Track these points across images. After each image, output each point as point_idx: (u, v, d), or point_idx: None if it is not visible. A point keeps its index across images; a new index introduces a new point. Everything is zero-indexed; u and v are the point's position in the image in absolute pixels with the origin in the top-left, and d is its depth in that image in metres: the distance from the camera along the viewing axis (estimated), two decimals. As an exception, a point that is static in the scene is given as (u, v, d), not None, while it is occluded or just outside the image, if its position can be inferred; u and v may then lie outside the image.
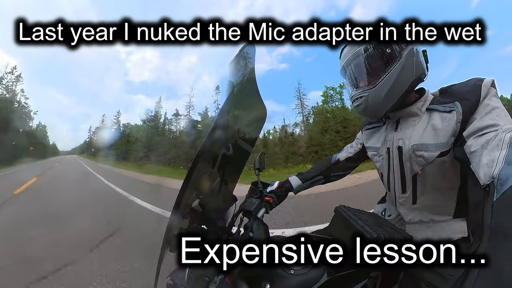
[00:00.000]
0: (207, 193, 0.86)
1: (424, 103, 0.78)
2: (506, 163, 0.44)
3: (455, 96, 0.69)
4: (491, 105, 0.61)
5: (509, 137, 0.49)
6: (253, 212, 0.95)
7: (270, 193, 1.08)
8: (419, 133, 0.75)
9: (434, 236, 0.78)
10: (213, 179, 0.92)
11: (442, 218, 0.78)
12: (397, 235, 0.68)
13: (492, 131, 0.55)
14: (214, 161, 0.86)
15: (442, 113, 0.70)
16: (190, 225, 0.79)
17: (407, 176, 0.80)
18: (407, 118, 0.80)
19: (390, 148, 0.84)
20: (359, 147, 1.10)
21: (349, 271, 0.75)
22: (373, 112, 0.80)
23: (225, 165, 0.93)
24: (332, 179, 1.17)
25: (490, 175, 0.45)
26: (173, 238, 0.70)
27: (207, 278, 0.65)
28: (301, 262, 0.75)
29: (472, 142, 0.57)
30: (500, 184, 0.41)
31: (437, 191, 0.76)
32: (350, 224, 0.74)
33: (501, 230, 0.36)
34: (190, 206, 0.82)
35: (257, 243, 0.73)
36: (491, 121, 0.57)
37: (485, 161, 0.48)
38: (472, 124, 0.61)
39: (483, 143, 0.53)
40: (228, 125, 0.79)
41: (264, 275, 0.70)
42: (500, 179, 0.42)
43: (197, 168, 0.68)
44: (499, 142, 0.49)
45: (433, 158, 0.71)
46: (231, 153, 0.90)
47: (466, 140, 0.60)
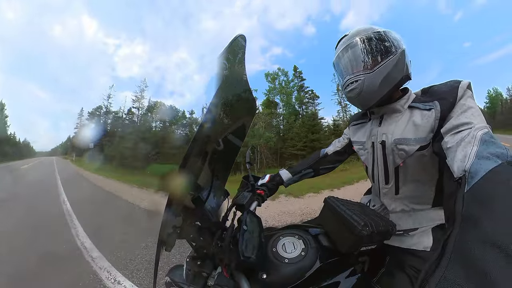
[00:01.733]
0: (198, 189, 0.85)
1: (407, 100, 0.82)
2: (477, 158, 0.49)
3: (435, 95, 0.74)
4: (466, 105, 0.65)
5: (480, 135, 0.54)
6: (246, 205, 0.96)
7: (262, 186, 1.09)
8: (401, 128, 0.80)
9: (415, 223, 0.83)
10: (204, 175, 0.91)
11: (422, 207, 0.83)
12: (382, 223, 0.72)
13: (466, 129, 0.60)
14: (205, 156, 0.85)
15: (423, 111, 0.75)
16: (184, 223, 0.78)
17: (390, 168, 0.85)
18: (390, 114, 0.85)
19: (374, 142, 0.89)
20: (346, 141, 1.15)
21: (339, 257, 0.79)
22: (366, 98, 0.81)
23: (216, 160, 0.92)
24: (321, 172, 1.22)
25: (462, 168, 0.49)
26: (168, 237, 0.69)
27: (205, 273, 0.65)
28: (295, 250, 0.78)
29: (449, 138, 0.62)
30: (471, 177, 0.46)
31: (417, 182, 0.81)
32: (339, 214, 0.77)
33: (471, 218, 0.40)
34: (183, 203, 0.81)
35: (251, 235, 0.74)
36: (466, 119, 0.62)
37: (459, 156, 0.53)
38: (449, 122, 0.66)
39: (458, 140, 0.58)
40: (218, 119, 0.78)
41: (260, 266, 0.72)
42: (471, 173, 0.47)
43: (188, 164, 0.67)
44: (472, 139, 0.54)
45: (413, 151, 0.76)
46: (221, 148, 0.89)
47: (443, 136, 0.65)
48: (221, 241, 0.79)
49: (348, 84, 0.83)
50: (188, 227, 0.78)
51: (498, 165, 0.45)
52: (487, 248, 0.35)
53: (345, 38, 0.86)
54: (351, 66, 0.83)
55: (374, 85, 0.78)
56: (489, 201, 0.41)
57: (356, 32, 0.83)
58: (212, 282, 0.65)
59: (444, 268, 0.36)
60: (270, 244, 0.82)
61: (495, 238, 0.35)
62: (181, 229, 0.76)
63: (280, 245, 0.80)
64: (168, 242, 0.68)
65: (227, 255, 0.71)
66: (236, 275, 0.67)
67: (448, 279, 0.35)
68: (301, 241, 0.81)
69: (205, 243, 0.76)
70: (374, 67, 0.77)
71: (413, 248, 0.80)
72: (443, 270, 0.36)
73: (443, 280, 0.35)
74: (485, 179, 0.44)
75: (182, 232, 0.75)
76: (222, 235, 0.82)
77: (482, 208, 0.41)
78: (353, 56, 0.81)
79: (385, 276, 0.80)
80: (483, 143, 0.52)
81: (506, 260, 0.32)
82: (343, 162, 1.22)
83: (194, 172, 0.82)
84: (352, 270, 0.78)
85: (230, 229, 0.80)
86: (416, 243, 0.80)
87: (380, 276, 0.80)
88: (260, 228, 0.82)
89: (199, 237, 0.76)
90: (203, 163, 0.86)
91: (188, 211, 0.81)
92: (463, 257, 0.36)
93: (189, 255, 0.78)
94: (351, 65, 0.83)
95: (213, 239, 0.79)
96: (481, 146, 0.51)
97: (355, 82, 0.80)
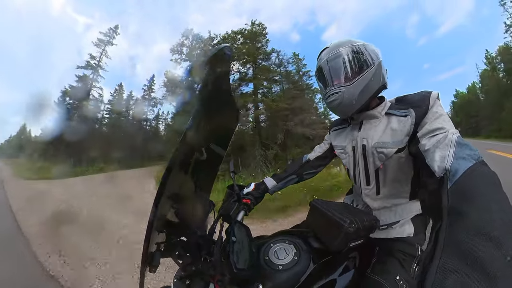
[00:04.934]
0: (182, 202, 0.81)
1: (384, 108, 0.90)
2: (455, 159, 0.56)
3: (409, 103, 0.82)
4: (439, 113, 0.74)
5: (455, 138, 0.62)
6: (233, 215, 0.93)
7: (247, 195, 1.07)
8: (379, 133, 0.87)
9: (396, 216, 0.90)
10: (187, 186, 0.86)
11: (401, 202, 0.91)
12: (366, 218, 0.76)
13: (440, 133, 0.68)
14: (187, 167, 0.81)
15: (399, 117, 0.83)
16: (168, 239, 0.73)
17: (370, 170, 0.91)
18: (369, 120, 0.92)
19: (355, 146, 0.95)
20: (327, 146, 1.20)
21: (331, 256, 0.80)
22: (346, 108, 0.87)
23: (199, 170, 0.88)
24: (305, 177, 1.25)
25: (443, 168, 0.56)
26: (151, 256, 0.63)
27: (196, 292, 0.60)
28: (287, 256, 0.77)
29: (426, 141, 0.70)
30: (452, 175, 0.53)
31: (396, 182, 0.88)
32: (325, 215, 0.79)
33: (456, 211, 0.45)
34: (165, 218, 0.76)
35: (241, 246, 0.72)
36: (439, 125, 0.71)
37: (437, 157, 0.60)
38: (424, 127, 0.74)
39: (435, 143, 0.66)
40: (201, 128, 0.76)
41: (254, 276, 0.69)
42: (451, 171, 0.53)
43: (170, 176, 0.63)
44: (449, 142, 0.62)
45: (392, 153, 0.83)
46: (204, 158, 0.86)
47: (420, 140, 0.73)
48: (210, 256, 0.75)
49: (329, 95, 0.88)
50: (173, 243, 0.72)
51: (473, 164, 0.53)
52: (474, 235, 0.39)
53: (327, 50, 0.90)
54: (332, 77, 0.88)
55: (353, 97, 0.83)
56: (470, 195, 0.47)
57: (337, 44, 0.88)
58: None
59: (439, 258, 0.39)
60: (262, 252, 0.79)
61: (480, 226, 0.40)
62: (166, 247, 0.70)
63: (272, 253, 0.78)
64: (152, 262, 0.62)
65: (219, 269, 0.67)
66: (230, 289, 0.63)
67: (445, 267, 0.38)
68: (292, 246, 0.80)
69: (193, 259, 0.71)
70: (353, 79, 0.83)
71: (398, 236, 0.87)
72: (438, 259, 0.39)
73: (440, 269, 0.38)
74: (465, 176, 0.51)
75: (166, 249, 0.70)
76: (210, 249, 0.78)
77: (465, 201, 0.46)
78: (334, 68, 0.87)
79: (377, 264, 0.84)
80: (458, 146, 0.60)
81: (492, 245, 0.37)
82: (325, 166, 1.27)
83: (177, 184, 0.78)
84: (345, 267, 0.80)
85: (219, 242, 0.76)
86: (400, 232, 0.87)
87: (372, 266, 0.84)
88: (250, 238, 0.80)
89: (185, 254, 0.71)
90: (186, 174, 0.82)
91: (172, 226, 0.76)
92: (454, 246, 0.40)
93: (176, 275, 0.71)
94: (332, 77, 0.88)
95: (201, 254, 0.74)
96: (457, 148, 0.59)
97: (336, 94, 0.85)
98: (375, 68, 0.84)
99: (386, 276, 0.77)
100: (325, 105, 1.38)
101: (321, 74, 0.92)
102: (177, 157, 0.67)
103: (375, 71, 0.84)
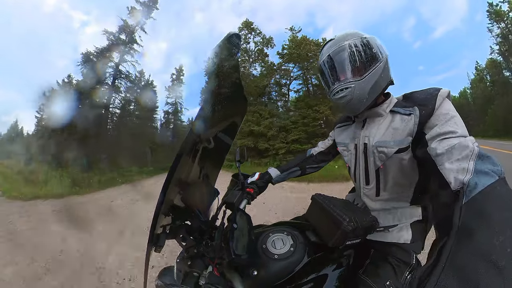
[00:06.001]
0: (188, 188, 0.84)
1: (389, 105, 0.85)
2: (475, 173, 0.51)
3: (415, 101, 0.77)
4: (450, 114, 0.68)
5: (477, 149, 0.56)
6: (236, 203, 0.95)
7: (251, 184, 1.10)
8: (382, 131, 0.83)
9: (395, 220, 0.87)
10: (194, 174, 0.89)
11: (401, 205, 0.88)
12: (366, 218, 0.75)
13: (452, 137, 0.62)
14: (195, 155, 0.83)
15: (403, 115, 0.78)
16: (173, 222, 0.77)
17: (371, 170, 0.88)
18: (373, 117, 0.87)
19: (357, 144, 0.92)
20: (330, 143, 1.18)
21: (326, 251, 0.82)
22: (356, 105, 0.81)
23: (206, 158, 0.91)
24: (308, 171, 1.25)
25: (460, 181, 0.51)
26: (158, 237, 0.67)
27: (195, 273, 0.64)
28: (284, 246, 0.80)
29: (436, 145, 0.63)
30: (469, 190, 0.48)
31: (398, 186, 0.85)
32: (325, 210, 0.79)
33: (466, 230, 0.42)
34: (172, 202, 0.80)
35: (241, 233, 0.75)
36: (450, 128, 0.64)
37: (455, 168, 0.54)
38: (434, 129, 0.68)
39: (447, 147, 0.60)
40: (209, 117, 0.77)
41: (251, 263, 0.73)
42: (469, 186, 0.48)
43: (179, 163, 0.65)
44: (470, 153, 0.55)
45: (392, 153, 0.79)
46: (212, 146, 0.88)
47: (429, 143, 0.67)
48: (212, 240, 0.78)
49: (337, 91, 0.81)
50: (178, 226, 0.76)
51: (495, 181, 0.48)
52: (480, 260, 0.37)
53: (332, 42, 0.83)
54: (339, 71, 0.81)
55: (364, 93, 0.78)
56: (485, 215, 0.43)
57: (344, 37, 0.81)
58: (203, 281, 0.65)
59: (438, 276, 0.38)
60: (260, 241, 0.82)
61: (488, 252, 0.37)
62: (171, 229, 0.74)
63: (270, 242, 0.81)
64: (158, 243, 0.66)
65: (218, 253, 0.71)
66: (229, 273, 0.67)
67: (442, 285, 0.37)
68: (289, 237, 0.82)
69: (195, 242, 0.75)
70: (364, 74, 0.77)
71: (394, 241, 0.86)
72: (437, 277, 0.38)
73: (438, 286, 0.37)
74: (483, 193, 0.46)
75: (171, 232, 0.74)
76: (212, 234, 0.82)
77: (478, 221, 0.42)
78: (341, 61, 0.80)
79: (370, 266, 0.85)
80: (479, 158, 0.54)
81: (496, 273, 0.35)
82: (328, 162, 1.27)
83: (184, 170, 0.81)
84: (339, 264, 0.82)
85: (220, 228, 0.80)
86: (397, 237, 0.85)
87: (365, 267, 0.85)
88: (250, 226, 0.83)
89: (189, 237, 0.75)
90: (193, 162, 0.85)
91: (177, 210, 0.80)
92: (456, 266, 0.38)
93: (179, 255, 0.76)
94: (339, 71, 0.81)
95: (203, 238, 0.78)
96: (478, 160, 0.53)
97: (345, 90, 0.79)
98: (384, 62, 0.79)
99: (377, 279, 0.77)
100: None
101: (327, 68, 0.84)
102: (187, 145, 0.69)
103: (384, 66, 0.78)
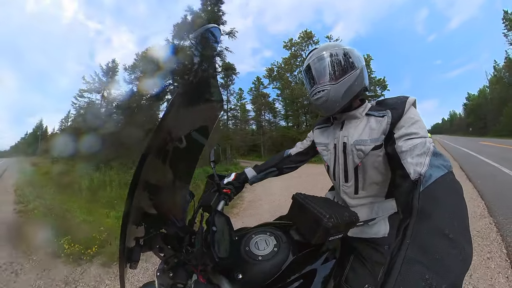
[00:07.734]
0: (160, 192, 0.76)
1: (364, 109, 0.95)
2: (430, 167, 0.63)
3: (387, 106, 0.88)
4: (415, 118, 0.80)
5: (432, 148, 0.69)
6: (213, 206, 0.91)
7: (228, 184, 1.06)
8: (359, 131, 0.92)
9: (373, 214, 0.96)
10: (165, 176, 0.81)
11: (377, 200, 0.97)
12: (346, 213, 0.78)
13: (416, 137, 0.75)
14: (165, 155, 0.76)
15: (377, 117, 0.89)
16: (147, 232, 0.69)
17: (349, 168, 0.95)
18: (350, 120, 0.97)
19: (336, 144, 0.99)
20: (308, 143, 1.24)
21: (311, 248, 0.82)
22: (331, 106, 0.91)
23: (178, 159, 0.83)
24: (285, 171, 1.29)
25: (418, 172, 0.63)
26: (131, 252, 0.59)
27: (180, 284, 0.58)
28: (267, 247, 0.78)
29: (402, 143, 0.76)
30: (425, 180, 0.60)
31: (374, 182, 0.94)
32: (306, 208, 0.80)
33: (424, 212, 0.53)
34: (143, 210, 0.71)
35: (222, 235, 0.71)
36: (415, 130, 0.77)
37: (414, 162, 0.67)
38: (401, 130, 0.80)
39: (410, 146, 0.73)
40: (181, 113, 0.71)
41: (235, 266, 0.70)
42: (425, 177, 0.61)
43: (145, 165, 0.58)
44: (427, 150, 0.68)
45: (369, 150, 0.87)
46: (184, 146, 0.81)
47: (396, 141, 0.79)
48: (192, 246, 0.72)
49: (316, 93, 0.92)
50: (153, 236, 0.68)
51: (445, 173, 0.61)
52: (437, 235, 0.48)
53: (316, 50, 0.96)
54: (319, 76, 0.92)
55: (338, 95, 0.89)
56: (438, 200, 0.55)
57: (326, 47, 0.93)
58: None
59: (405, 249, 0.48)
60: (243, 243, 0.79)
61: (442, 228, 0.49)
62: (145, 241, 0.66)
63: (253, 244, 0.79)
64: (132, 258, 0.58)
65: (201, 259, 0.66)
66: (215, 278, 0.63)
67: (410, 257, 0.46)
68: (272, 237, 0.81)
69: (175, 251, 0.68)
70: (339, 79, 0.89)
71: (373, 237, 0.94)
72: (404, 250, 0.48)
73: (406, 258, 0.46)
74: (436, 183, 0.59)
75: (146, 243, 0.66)
76: (191, 240, 0.76)
77: (433, 204, 0.54)
78: (321, 67, 0.92)
79: (350, 274, 0.90)
80: (434, 155, 0.67)
81: (449, 243, 0.46)
82: (306, 162, 1.32)
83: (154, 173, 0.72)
84: (325, 259, 0.83)
85: (200, 232, 0.74)
86: (376, 232, 0.94)
87: (346, 275, 0.90)
88: (230, 227, 0.79)
89: (166, 246, 0.68)
90: (164, 163, 0.77)
91: (150, 218, 0.71)
92: (419, 241, 0.49)
93: (158, 268, 0.68)
94: (319, 75, 0.92)
95: (182, 245, 0.72)
96: (433, 157, 0.66)
97: (322, 91, 0.90)
98: (359, 71, 0.91)
99: (356, 285, 0.85)
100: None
101: (309, 72, 0.96)
102: (154, 144, 0.62)
103: (359, 74, 0.90)
